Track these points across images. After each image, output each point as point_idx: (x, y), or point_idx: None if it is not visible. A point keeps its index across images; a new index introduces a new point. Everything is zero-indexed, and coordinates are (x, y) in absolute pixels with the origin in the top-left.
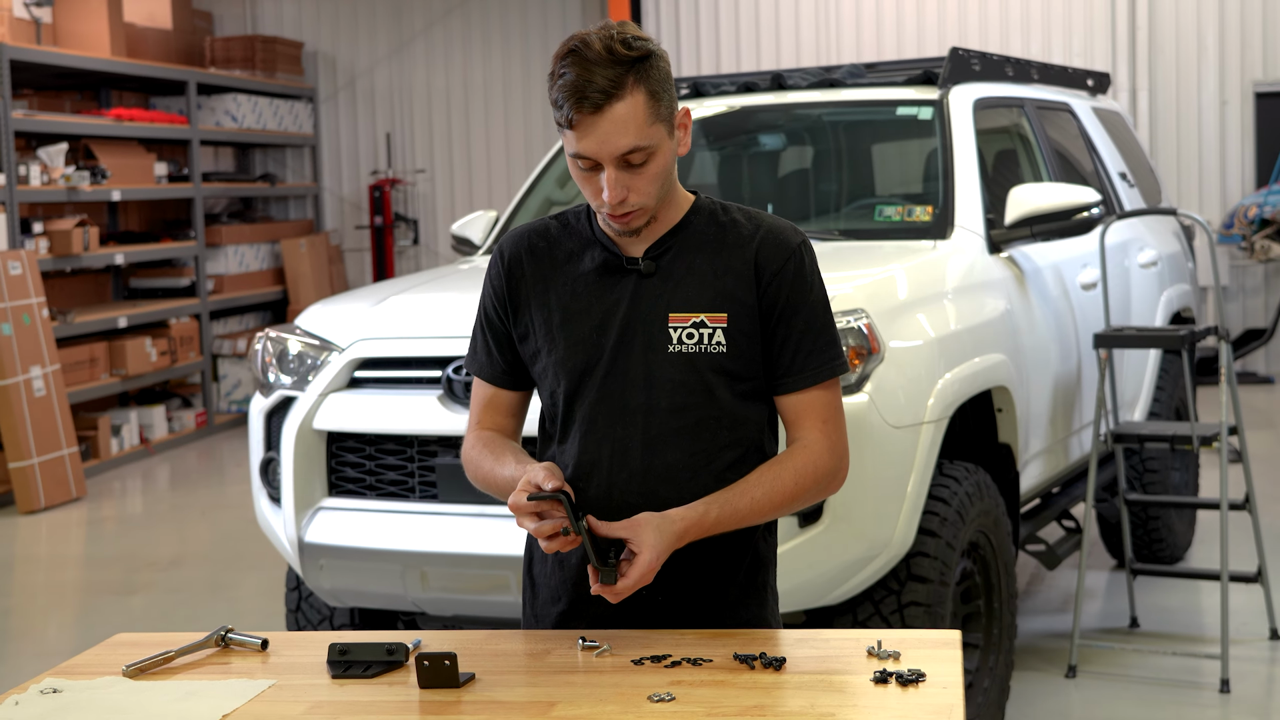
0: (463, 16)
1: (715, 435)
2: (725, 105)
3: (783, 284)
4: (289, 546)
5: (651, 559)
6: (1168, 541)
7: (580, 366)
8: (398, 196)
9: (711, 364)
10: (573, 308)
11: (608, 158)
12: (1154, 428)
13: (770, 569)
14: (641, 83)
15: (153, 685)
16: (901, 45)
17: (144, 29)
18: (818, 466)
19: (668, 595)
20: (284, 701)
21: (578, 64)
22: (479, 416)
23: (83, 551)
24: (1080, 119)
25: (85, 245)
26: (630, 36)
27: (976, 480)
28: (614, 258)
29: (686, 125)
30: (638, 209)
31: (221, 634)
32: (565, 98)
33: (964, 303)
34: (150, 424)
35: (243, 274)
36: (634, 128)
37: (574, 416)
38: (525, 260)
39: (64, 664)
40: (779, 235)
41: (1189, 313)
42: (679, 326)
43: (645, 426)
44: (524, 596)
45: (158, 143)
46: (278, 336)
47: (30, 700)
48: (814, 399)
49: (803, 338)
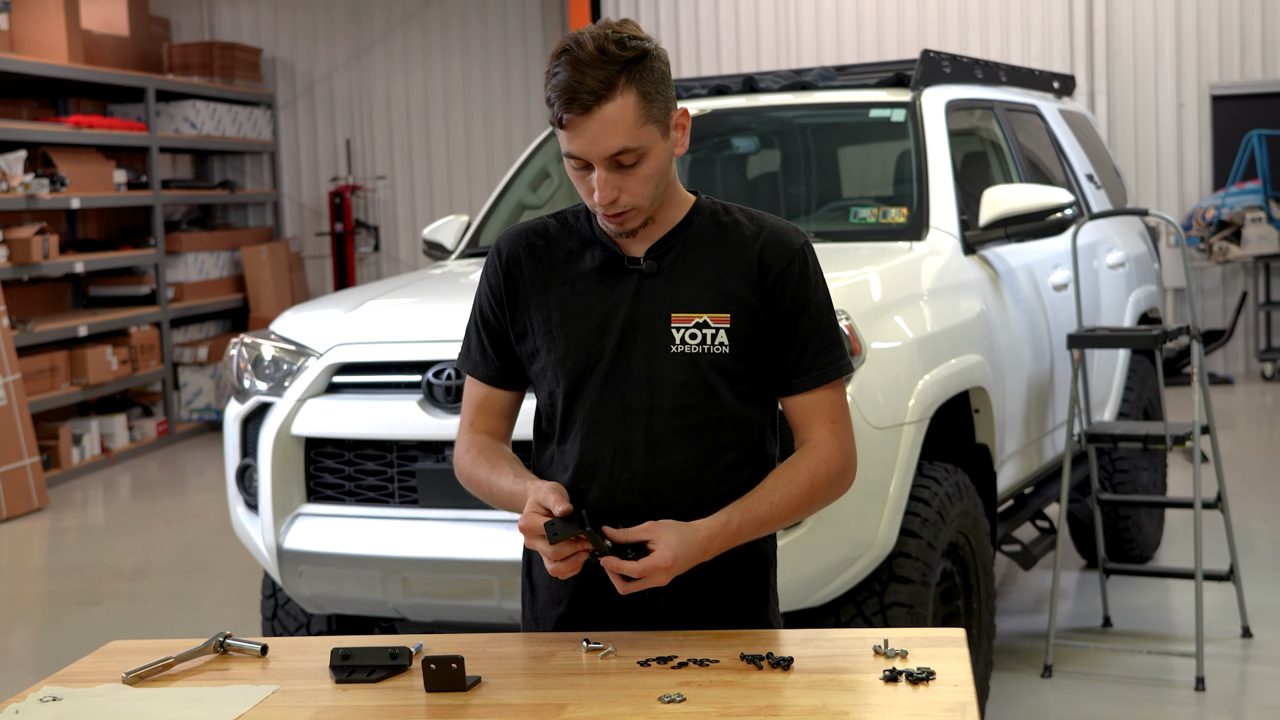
0: (422, 23)
1: (717, 436)
2: (697, 108)
3: (787, 285)
4: (267, 554)
5: (669, 556)
6: (1138, 541)
7: (580, 366)
8: (358, 203)
9: (714, 364)
10: (573, 307)
11: (597, 158)
12: (1127, 427)
13: (771, 570)
14: (633, 83)
15: (155, 692)
16: (862, 48)
17: (101, 35)
18: (830, 466)
19: (670, 597)
20: (290, 707)
21: (570, 64)
22: (471, 418)
23: (46, 562)
24: (1048, 121)
25: (45, 253)
26: (626, 36)
27: (956, 481)
28: (615, 257)
29: (685, 126)
30: (631, 209)
31: (220, 640)
32: (557, 97)
33: (941, 304)
34: (111, 433)
35: (203, 281)
36: (624, 129)
37: (574, 417)
38: (524, 258)
39: (61, 671)
40: (782, 236)
41: (1155, 313)
42: (682, 327)
43: (648, 427)
44: (523, 599)
45: (117, 150)
46: (253, 342)
47: (30, 709)
48: (821, 399)
49: (809, 339)
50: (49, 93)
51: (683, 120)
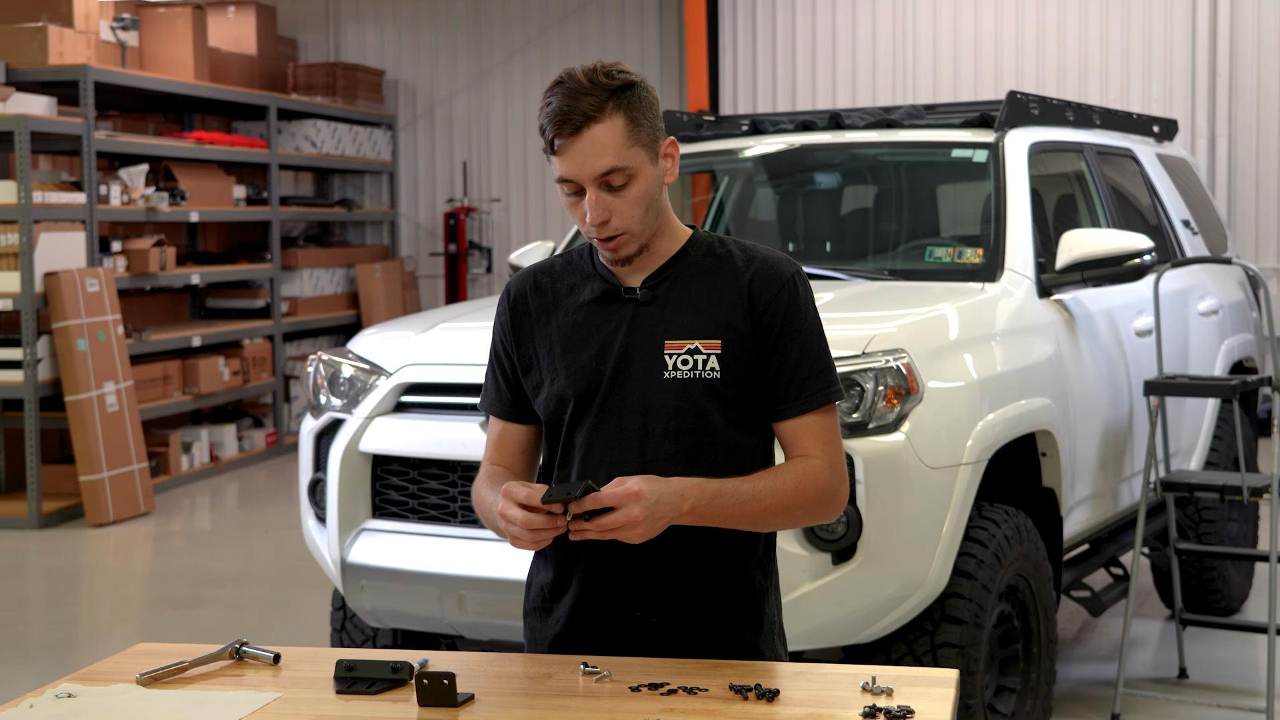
0: (541, 48)
1: (710, 460)
2: (784, 143)
3: (776, 312)
4: (333, 566)
5: (635, 484)
6: (1223, 592)
7: (580, 393)
8: (472, 224)
9: (705, 389)
10: (573, 337)
11: (587, 178)
12: (1204, 477)
13: (768, 598)
14: (621, 108)
15: (164, 694)
16: (979, 85)
17: (229, 54)
18: (818, 478)
19: (660, 618)
20: (287, 714)
21: (563, 93)
22: (490, 454)
23: (148, 565)
24: (1143, 165)
25: (162, 265)
26: (615, 70)
27: (1016, 524)
28: (612, 288)
29: (673, 155)
30: (623, 233)
31: (236, 647)
32: (549, 123)
33: (1010, 345)
34: (221, 442)
35: (317, 297)
36: (612, 149)
37: (574, 442)
38: (530, 296)
39: (83, 670)
40: (773, 265)
41: (1251, 362)
42: (674, 353)
43: (641, 450)
44: (525, 620)
45: (237, 166)
46: (330, 360)
47: (45, 704)
48: (812, 424)
49: (798, 365)
50: (175, 108)
51: (671, 150)
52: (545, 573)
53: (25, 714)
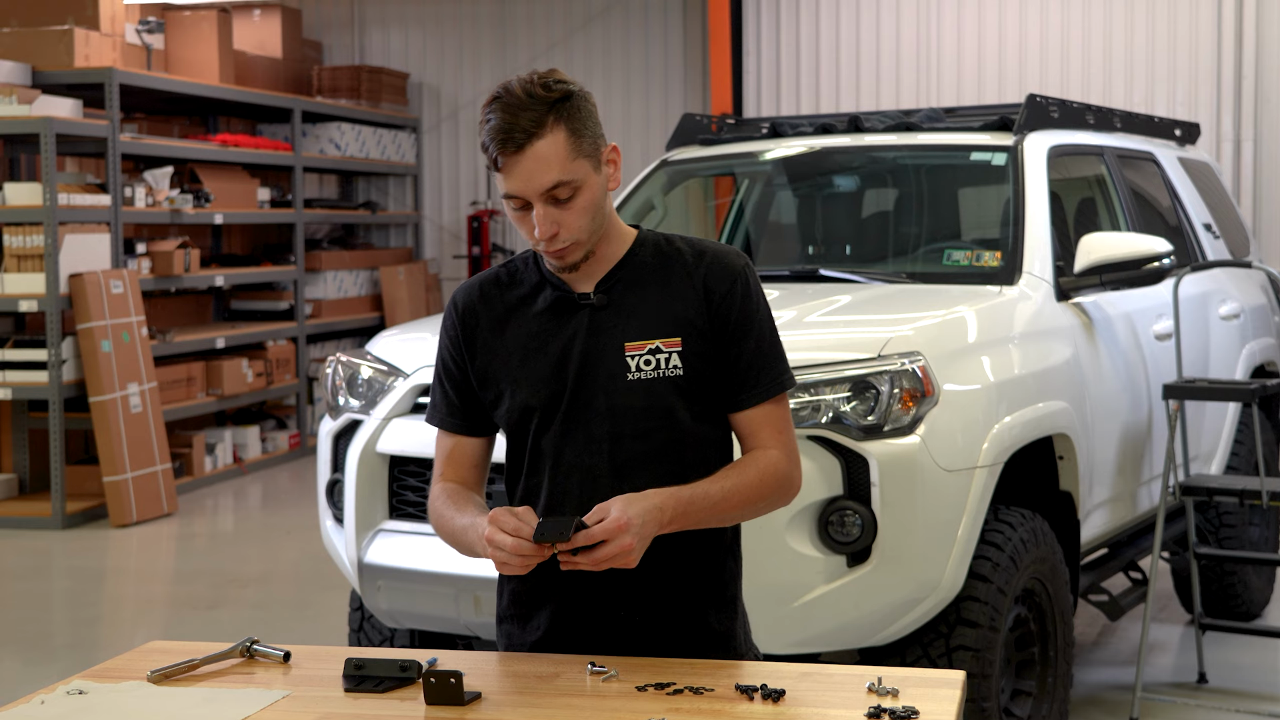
0: (565, 52)
1: (680, 457)
2: (804, 146)
3: (732, 304)
4: (350, 566)
5: (619, 511)
6: (1244, 597)
7: (543, 402)
8: (496, 227)
9: (671, 387)
10: (530, 347)
11: (534, 194)
12: (1224, 481)
13: (738, 583)
14: (562, 121)
15: (174, 691)
16: (1003, 88)
17: (254, 57)
18: (777, 468)
19: (644, 615)
20: (295, 712)
21: (501, 109)
22: (441, 469)
23: (171, 566)
24: (1165, 169)
25: (186, 266)
26: (551, 80)
27: (1033, 527)
28: (565, 295)
29: (616, 161)
30: (570, 244)
31: (247, 645)
32: (491, 140)
33: (1027, 348)
34: (244, 444)
35: (341, 299)
36: (556, 164)
37: (542, 451)
38: (479, 308)
39: (95, 667)
40: (724, 259)
41: (1273, 366)
42: (635, 354)
43: (612, 454)
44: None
45: (262, 168)
46: (348, 361)
47: (56, 700)
48: (768, 413)
49: (755, 356)
50: (200, 111)
51: (613, 156)
52: (516, 580)
53: (36, 710)
